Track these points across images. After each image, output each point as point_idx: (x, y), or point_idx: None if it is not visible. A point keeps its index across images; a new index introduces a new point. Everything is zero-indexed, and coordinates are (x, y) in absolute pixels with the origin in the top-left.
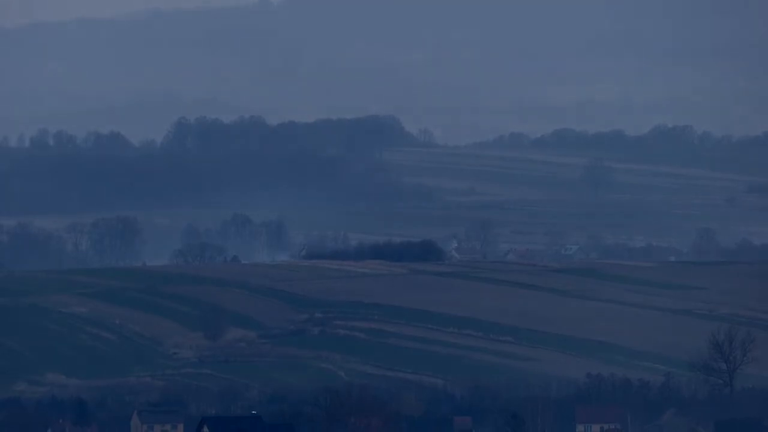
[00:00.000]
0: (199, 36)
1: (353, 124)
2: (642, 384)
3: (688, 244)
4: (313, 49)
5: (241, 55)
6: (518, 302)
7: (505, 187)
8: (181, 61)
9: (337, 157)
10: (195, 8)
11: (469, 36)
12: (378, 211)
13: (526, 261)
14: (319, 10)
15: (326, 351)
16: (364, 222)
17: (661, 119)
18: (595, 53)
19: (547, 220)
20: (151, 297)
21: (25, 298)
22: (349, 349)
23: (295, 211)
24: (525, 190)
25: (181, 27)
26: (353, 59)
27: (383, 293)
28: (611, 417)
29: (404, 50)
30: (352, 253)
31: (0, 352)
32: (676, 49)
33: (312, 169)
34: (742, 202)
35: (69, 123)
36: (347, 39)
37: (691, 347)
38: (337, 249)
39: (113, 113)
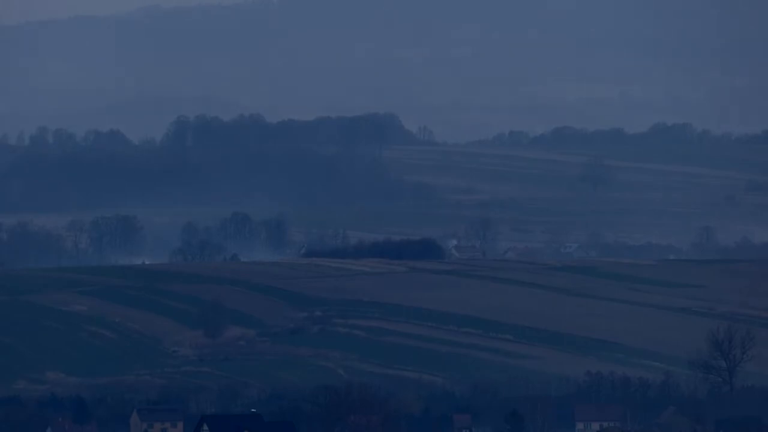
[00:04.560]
0: (199, 34)
1: (353, 122)
2: (641, 382)
3: (687, 243)
4: (312, 47)
5: (240, 53)
6: (518, 300)
7: (504, 185)
8: (180, 58)
9: (336, 155)
10: (194, 6)
11: (469, 34)
12: (377, 209)
13: (526, 259)
14: (318, 8)
15: (326, 349)
16: (363, 220)
17: (661, 117)
18: (594, 51)
19: (547, 218)
20: (151, 295)
21: (25, 297)
22: (349, 347)
23: (294, 210)
24: (524, 188)
25: (180, 25)
26: (352, 57)
27: (383, 291)
28: (611, 415)
29: (404, 48)
30: (352, 252)
31: (0, 350)
32: (675, 47)
33: (311, 167)
34: (742, 200)
35: (68, 121)
36: (347, 37)
37: (690, 345)
38: (336, 247)
39: (113, 111)
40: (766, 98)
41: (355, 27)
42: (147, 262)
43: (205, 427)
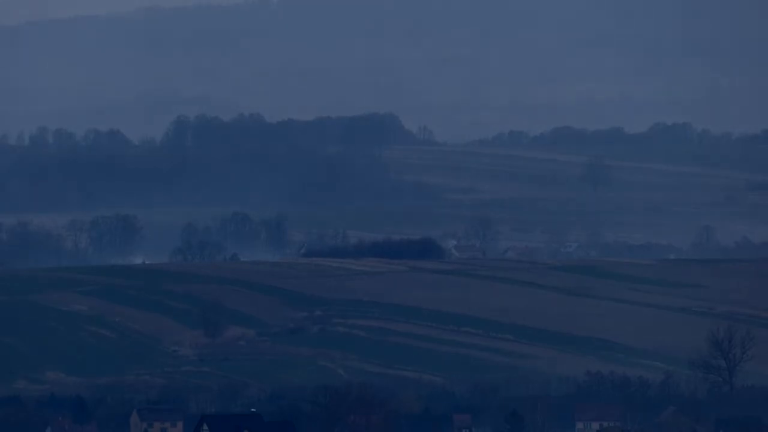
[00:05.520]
0: (199, 33)
1: (352, 121)
2: (641, 382)
3: (687, 242)
4: (312, 47)
5: (240, 53)
6: (518, 300)
7: (504, 185)
8: (180, 58)
9: (336, 155)
10: (194, 5)
11: (469, 33)
12: (377, 208)
13: (526, 259)
14: (318, 8)
15: (326, 349)
16: (363, 220)
17: (661, 117)
18: (594, 51)
19: (547, 218)
20: (151, 295)
21: (25, 296)
22: (349, 346)
23: (294, 209)
24: (524, 187)
25: (180, 24)
26: (352, 57)
27: (383, 291)
28: (610, 415)
29: (403, 48)
30: (352, 251)
31: (0, 349)
32: (675, 46)
33: (311, 167)
34: (742, 199)
35: (68, 121)
36: (346, 37)
37: (690, 345)
38: (336, 247)
39: (112, 111)
40: (766, 98)
41: (355, 27)
42: (147, 262)
43: (205, 427)
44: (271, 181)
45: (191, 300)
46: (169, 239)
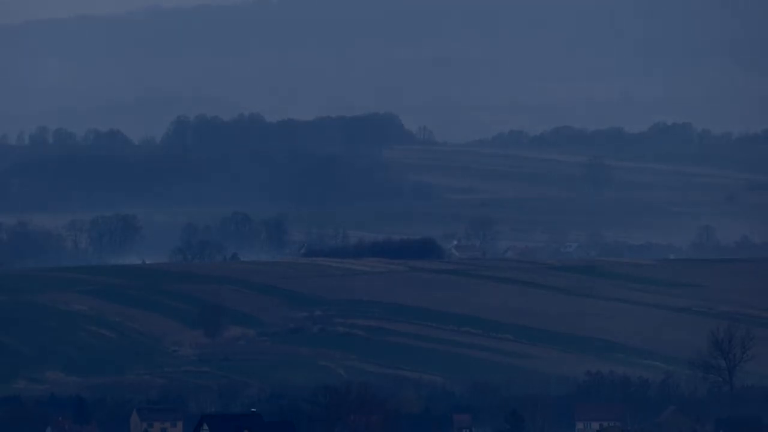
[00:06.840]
0: (199, 33)
1: (353, 121)
2: (641, 382)
3: (687, 242)
4: (312, 47)
5: (240, 53)
6: (518, 300)
7: (504, 185)
8: (180, 58)
9: (336, 155)
10: (194, 6)
11: (469, 34)
12: (377, 208)
13: (526, 259)
14: (318, 8)
15: (326, 349)
16: (363, 220)
17: (661, 117)
18: (594, 51)
19: (547, 218)
20: (151, 295)
21: (25, 296)
22: (349, 346)
23: (294, 209)
24: (524, 187)
25: (180, 24)
26: (352, 57)
27: (383, 291)
28: (611, 415)
29: (404, 48)
30: (352, 251)
31: (0, 349)
32: (675, 46)
33: (311, 167)
34: (742, 199)
35: (68, 121)
36: (346, 37)
37: (690, 345)
38: (336, 247)
39: (113, 111)
40: (766, 98)
41: (355, 26)
42: (147, 262)
43: (205, 427)
44: (271, 181)
45: (191, 300)
46: (169, 239)
